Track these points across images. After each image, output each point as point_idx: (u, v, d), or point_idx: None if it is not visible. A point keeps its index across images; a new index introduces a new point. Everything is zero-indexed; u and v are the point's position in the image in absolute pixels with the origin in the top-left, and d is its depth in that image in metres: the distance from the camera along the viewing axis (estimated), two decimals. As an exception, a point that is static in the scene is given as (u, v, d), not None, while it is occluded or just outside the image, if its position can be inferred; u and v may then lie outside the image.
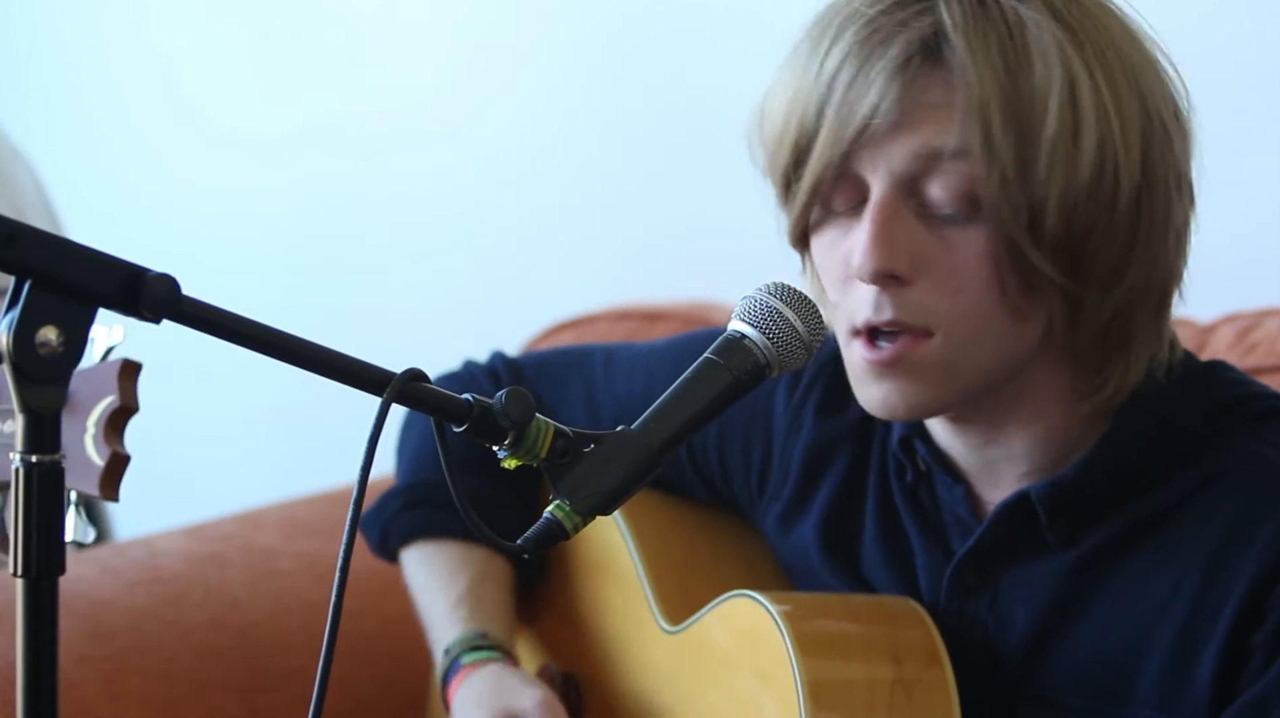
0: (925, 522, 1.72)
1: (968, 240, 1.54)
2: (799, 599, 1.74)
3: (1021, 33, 1.52)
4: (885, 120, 1.53)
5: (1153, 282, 1.58)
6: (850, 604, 1.74)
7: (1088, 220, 1.53)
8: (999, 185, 1.52)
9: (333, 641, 1.29)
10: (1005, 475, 1.66)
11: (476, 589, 1.93)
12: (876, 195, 1.55)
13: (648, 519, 1.90)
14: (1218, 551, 1.58)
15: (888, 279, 1.55)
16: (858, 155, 1.56)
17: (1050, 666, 1.65)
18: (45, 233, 1.20)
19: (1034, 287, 1.55)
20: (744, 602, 1.71)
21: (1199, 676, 1.57)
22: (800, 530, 1.81)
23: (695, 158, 2.93)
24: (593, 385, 1.94)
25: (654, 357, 1.93)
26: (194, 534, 2.39)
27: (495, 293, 3.21)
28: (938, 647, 1.66)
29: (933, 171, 1.54)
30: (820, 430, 1.80)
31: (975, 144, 1.51)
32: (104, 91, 3.63)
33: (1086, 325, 1.57)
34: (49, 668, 1.21)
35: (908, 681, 1.65)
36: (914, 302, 1.55)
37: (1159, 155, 1.56)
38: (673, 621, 1.83)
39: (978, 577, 1.68)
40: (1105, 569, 1.63)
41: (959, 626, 1.68)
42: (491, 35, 3.20)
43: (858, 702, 1.64)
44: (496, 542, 1.39)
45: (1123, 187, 1.53)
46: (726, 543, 1.92)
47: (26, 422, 1.20)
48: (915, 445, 1.71)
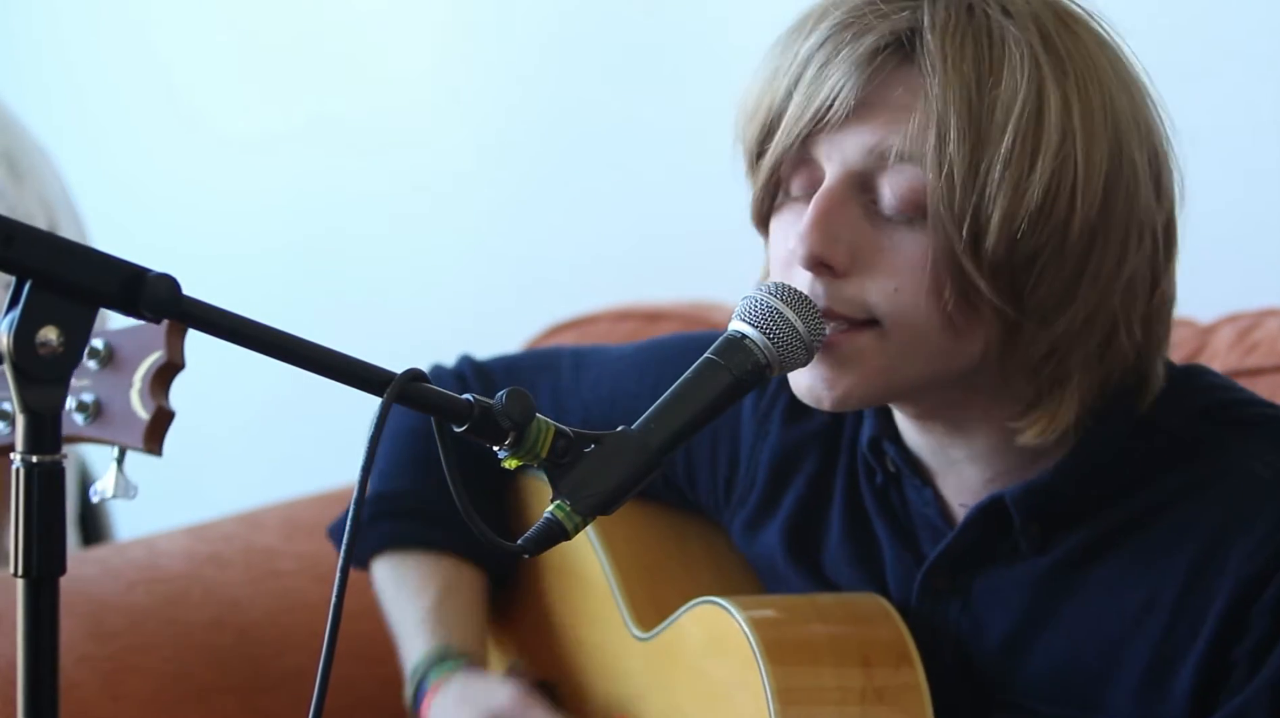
0: (895, 524, 1.71)
1: (910, 244, 1.52)
2: (767, 603, 1.73)
3: (1000, 46, 1.50)
4: (843, 108, 1.52)
5: (1094, 325, 1.54)
6: (819, 606, 1.73)
7: (1033, 247, 1.50)
8: (944, 194, 1.49)
9: (333, 641, 1.29)
10: (970, 479, 1.65)
11: (442, 603, 1.91)
12: (826, 183, 1.54)
13: (617, 526, 1.87)
14: (1199, 562, 1.56)
15: (821, 267, 1.54)
16: (816, 141, 1.55)
17: (1024, 672, 1.64)
18: (45, 233, 1.20)
19: (972, 304, 1.52)
20: (712, 608, 1.70)
21: (1177, 687, 1.56)
22: (765, 535, 1.80)
23: (696, 158, 2.93)
24: (559, 390, 1.92)
25: (622, 362, 1.92)
26: (194, 534, 2.39)
27: (495, 293, 3.21)
28: (908, 645, 1.65)
29: (883, 170, 1.52)
30: (787, 436, 1.79)
31: (927, 149, 1.49)
32: (102, 91, 3.63)
33: (1020, 356, 1.54)
34: (49, 668, 1.21)
35: (879, 682, 1.64)
36: (848, 293, 1.53)
37: (1122, 200, 1.52)
38: (644, 627, 1.82)
39: (949, 581, 1.67)
40: (1078, 576, 1.62)
41: (930, 629, 1.67)
42: (490, 33, 3.20)
43: (828, 707, 1.63)
44: (498, 543, 1.38)
45: (1075, 222, 1.50)
46: (696, 547, 1.91)
47: (27, 422, 1.20)
48: (885, 447, 1.69)
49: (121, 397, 1.51)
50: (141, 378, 1.50)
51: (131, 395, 1.51)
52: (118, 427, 1.52)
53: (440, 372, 2.01)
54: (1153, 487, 1.60)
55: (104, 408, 1.53)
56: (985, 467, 1.64)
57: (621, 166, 3.06)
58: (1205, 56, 2.33)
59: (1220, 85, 2.36)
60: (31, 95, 3.60)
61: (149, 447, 1.51)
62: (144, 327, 1.50)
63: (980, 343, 1.54)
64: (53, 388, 1.20)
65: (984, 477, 1.64)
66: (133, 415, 1.51)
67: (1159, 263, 1.58)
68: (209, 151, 3.48)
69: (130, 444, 1.51)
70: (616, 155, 3.07)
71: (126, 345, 1.53)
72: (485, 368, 2.00)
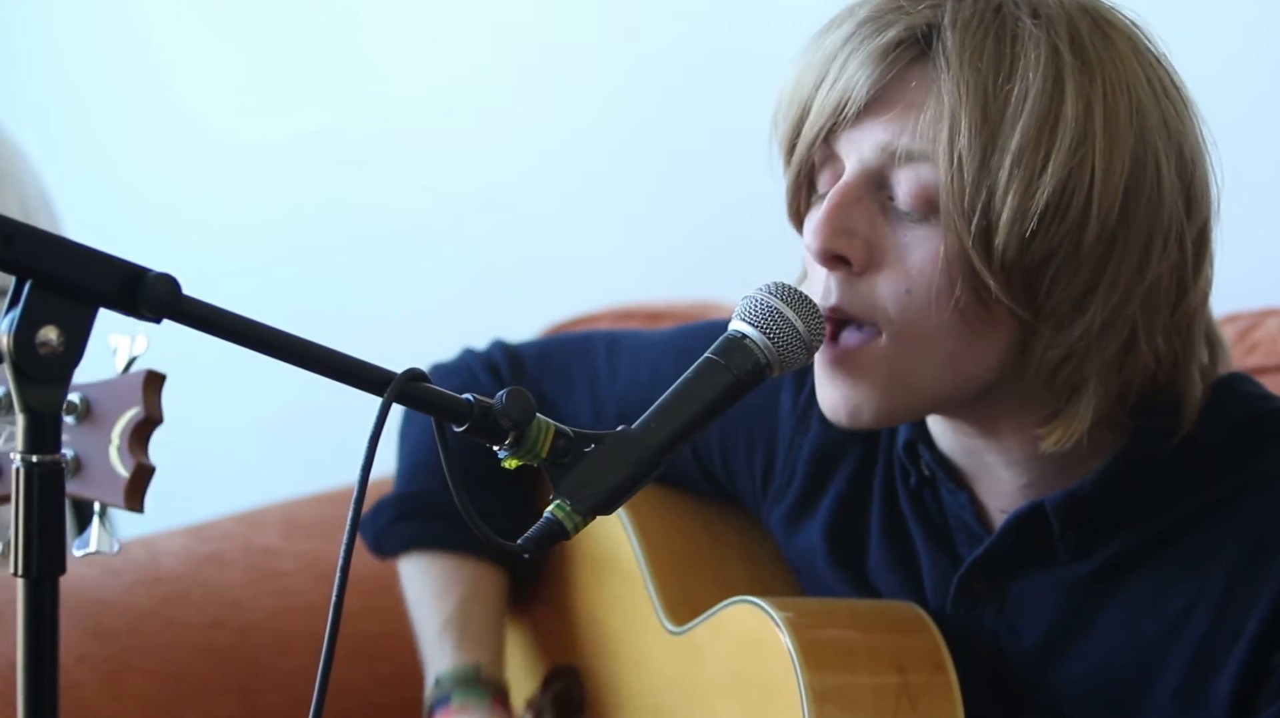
0: (931, 527, 1.71)
1: (923, 242, 1.51)
2: (803, 606, 1.73)
3: (1018, 44, 1.49)
4: (858, 103, 1.51)
5: (1112, 332, 1.52)
6: (854, 610, 1.73)
7: (1046, 248, 1.48)
8: (954, 190, 1.48)
9: (333, 641, 1.29)
10: (1006, 483, 1.65)
11: (465, 610, 1.92)
12: (842, 179, 1.54)
13: (652, 516, 1.89)
14: (1237, 569, 1.55)
15: (835, 261, 1.53)
16: (839, 137, 1.55)
17: (1059, 678, 1.64)
18: (45, 233, 1.20)
19: (985, 306, 1.51)
20: (750, 609, 1.70)
21: (1216, 694, 1.55)
22: (806, 533, 1.80)
23: (696, 158, 2.93)
24: (596, 378, 1.91)
25: (659, 347, 1.90)
26: (194, 534, 2.39)
27: (496, 294, 3.21)
28: (942, 654, 1.65)
29: (898, 168, 1.52)
30: (828, 433, 1.78)
31: (938, 144, 1.49)
32: (100, 102, 3.63)
33: (1036, 362, 1.53)
34: (49, 668, 1.21)
35: (912, 689, 1.64)
36: (862, 292, 1.53)
37: (1144, 208, 1.50)
38: (677, 621, 1.82)
39: (986, 585, 1.67)
40: (1116, 583, 1.61)
41: (965, 633, 1.67)
42: (488, 39, 3.20)
43: (863, 711, 1.63)
44: (498, 543, 1.38)
45: (1091, 225, 1.48)
46: (731, 540, 1.91)
47: (27, 422, 1.20)
48: (919, 450, 1.69)
49: (100, 453, 1.48)
50: (120, 434, 1.48)
51: (110, 452, 1.48)
52: (97, 484, 1.49)
53: (470, 358, 2.01)
54: (1192, 497, 1.59)
55: (83, 465, 1.50)
56: (1021, 472, 1.63)
57: (622, 168, 3.06)
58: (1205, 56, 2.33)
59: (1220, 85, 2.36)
60: (30, 105, 3.61)
61: (130, 504, 1.48)
62: (120, 379, 1.49)
63: (996, 349, 1.53)
64: (53, 388, 1.20)
65: (1019, 482, 1.63)
66: (112, 473, 1.48)
67: (1186, 274, 1.54)
68: (208, 161, 3.48)
69: (111, 502, 1.48)
70: (617, 157, 3.07)
71: (104, 400, 1.50)
72: (517, 353, 1.99)
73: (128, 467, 1.48)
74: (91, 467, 1.50)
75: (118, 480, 1.48)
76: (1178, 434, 1.58)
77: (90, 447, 1.50)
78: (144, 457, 1.48)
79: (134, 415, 1.48)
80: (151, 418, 1.48)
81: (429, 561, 1.95)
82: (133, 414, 1.48)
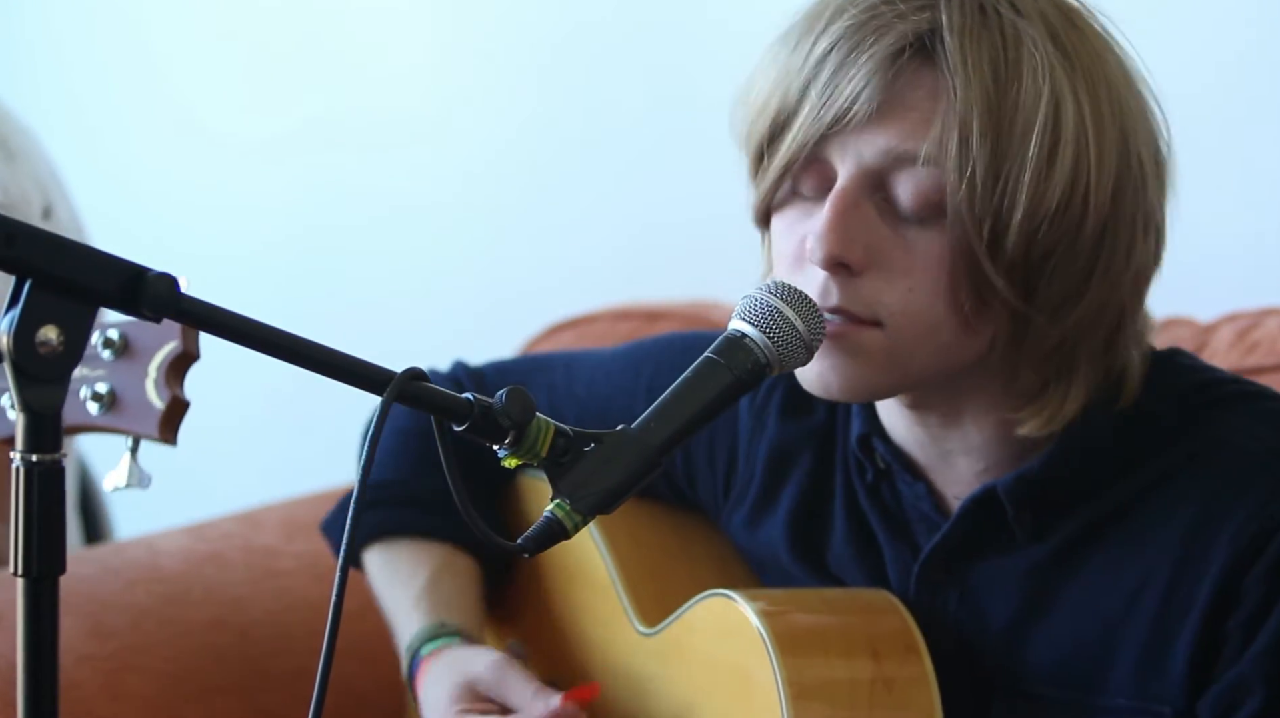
0: (890, 519, 1.72)
1: (926, 243, 1.53)
2: (775, 596, 1.74)
3: (1016, 46, 1.51)
4: (864, 110, 1.52)
5: (1104, 316, 1.57)
6: (826, 598, 1.73)
7: (1049, 244, 1.52)
8: (966, 196, 1.50)
9: (333, 640, 1.29)
10: (963, 470, 1.66)
11: (435, 583, 1.90)
12: (841, 183, 1.55)
13: (620, 523, 1.87)
14: (1189, 537, 1.57)
15: (838, 266, 1.54)
16: (831, 141, 1.55)
17: (1025, 659, 1.65)
18: (46, 232, 1.21)
19: (985, 300, 1.53)
20: (721, 601, 1.71)
21: (1174, 662, 1.58)
22: (767, 530, 1.81)
23: (696, 157, 2.93)
24: (554, 389, 1.93)
25: (615, 361, 1.93)
26: (194, 534, 2.39)
27: (495, 293, 3.21)
28: (915, 638, 1.66)
29: (901, 171, 1.53)
30: (784, 430, 1.79)
31: (950, 152, 1.50)
32: (99, 93, 3.62)
33: (1030, 349, 1.56)
34: (49, 668, 1.21)
35: (888, 674, 1.64)
36: (863, 293, 1.54)
37: (1130, 194, 1.55)
38: (649, 623, 1.82)
39: (946, 573, 1.68)
40: (1075, 561, 1.63)
41: (930, 621, 1.68)
42: (488, 31, 3.20)
43: (839, 699, 1.64)
44: (497, 542, 1.38)
45: (1089, 217, 1.52)
46: (699, 544, 1.91)
47: (27, 421, 1.20)
48: (874, 444, 1.70)
49: (136, 387, 1.52)
50: (157, 368, 1.51)
51: (147, 385, 1.51)
52: (132, 416, 1.52)
53: (433, 376, 2.01)
54: (1142, 470, 1.61)
55: (119, 398, 1.53)
56: (979, 458, 1.65)
57: (622, 166, 3.06)
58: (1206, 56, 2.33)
59: (1221, 85, 2.36)
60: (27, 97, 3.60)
61: (164, 436, 1.51)
62: None
63: (988, 336, 1.56)
64: (53, 387, 1.20)
65: (977, 468, 1.65)
66: (148, 405, 1.51)
67: (1159, 254, 1.60)
68: (207, 152, 3.48)
69: (145, 434, 1.52)
70: (616, 155, 3.07)
71: (141, 336, 1.54)
72: (478, 372, 2.01)
73: (163, 399, 1.51)
74: (126, 400, 1.53)
75: (153, 413, 1.52)
76: (1119, 404, 1.61)
77: (126, 381, 1.53)
78: (180, 390, 1.52)
79: (172, 350, 1.52)
80: (189, 353, 1.52)
81: (396, 546, 1.94)
82: (171, 348, 1.52)
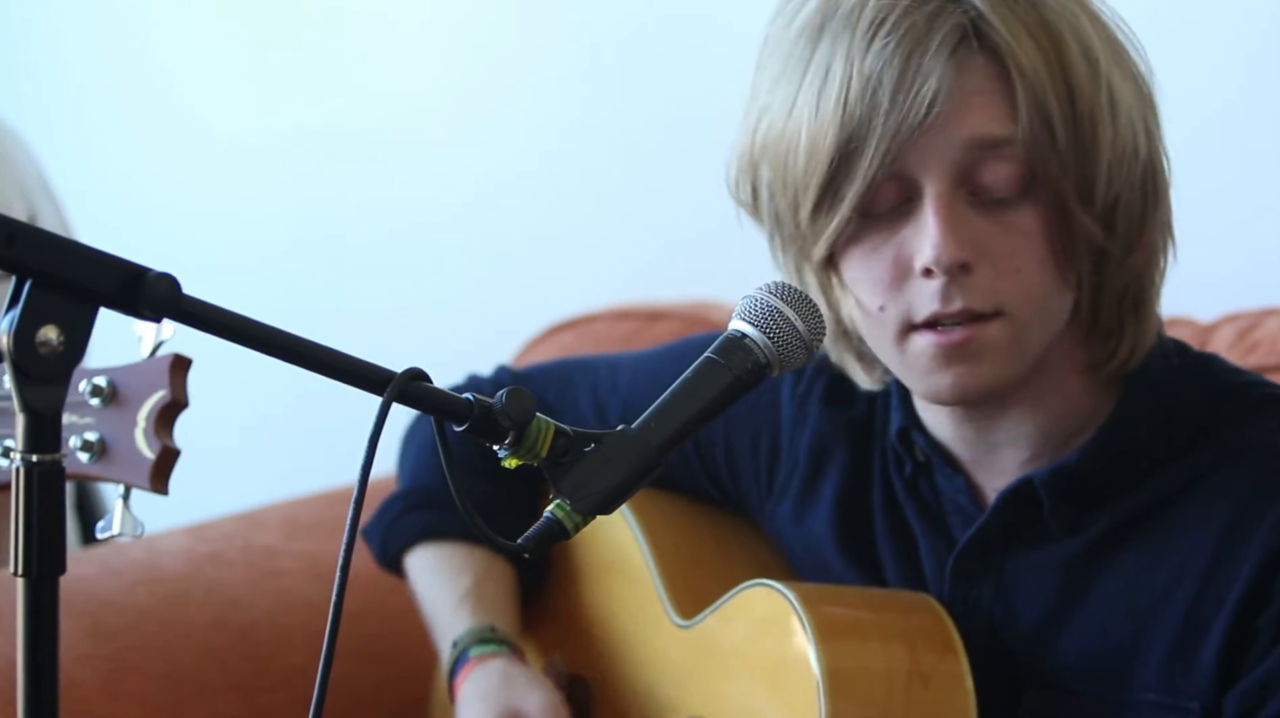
0: (926, 512, 1.74)
1: (1022, 219, 1.57)
2: (816, 589, 1.76)
3: (1043, 12, 1.56)
4: (945, 108, 1.54)
5: (1159, 246, 1.63)
6: (866, 594, 1.75)
7: (1120, 183, 1.57)
8: (1057, 163, 1.55)
9: (333, 641, 1.29)
10: (1007, 462, 1.68)
11: (480, 586, 1.94)
12: (937, 188, 1.57)
13: (658, 517, 1.91)
14: (1222, 536, 1.60)
15: (958, 270, 1.56)
16: (908, 149, 1.56)
17: (1056, 653, 1.66)
18: (46, 232, 1.20)
19: (1074, 254, 1.58)
20: (763, 591, 1.72)
21: (1204, 659, 1.59)
22: (811, 523, 1.82)
23: (696, 157, 2.92)
24: (599, 386, 1.95)
25: (657, 359, 1.95)
26: (195, 534, 2.39)
27: (495, 293, 3.21)
28: (953, 637, 1.68)
29: (985, 159, 1.56)
30: (825, 420, 1.81)
31: (1036, 128, 1.54)
32: (100, 97, 3.62)
33: (1109, 286, 1.61)
34: (49, 668, 1.21)
35: (924, 670, 1.66)
36: (980, 288, 1.57)
37: (1154, 127, 1.61)
38: (685, 616, 1.84)
39: (981, 565, 1.69)
40: (1108, 557, 1.65)
41: (963, 614, 1.69)
42: (490, 37, 3.20)
43: (876, 691, 1.65)
44: (497, 541, 1.38)
45: (1140, 150, 1.58)
46: (734, 542, 1.93)
47: (27, 421, 1.20)
48: (913, 437, 1.72)
49: (126, 435, 1.50)
50: (146, 417, 1.50)
51: (136, 434, 1.50)
52: (123, 466, 1.51)
53: (479, 380, 2.05)
54: (1178, 468, 1.63)
55: (109, 447, 1.51)
56: (1026, 446, 1.67)
57: (622, 166, 3.06)
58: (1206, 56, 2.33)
59: (1221, 85, 2.36)
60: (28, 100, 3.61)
61: (155, 487, 1.50)
62: (147, 363, 1.50)
63: (1074, 291, 1.61)
64: (53, 387, 1.20)
65: (1021, 458, 1.67)
66: (138, 455, 1.50)
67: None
68: (208, 157, 3.48)
69: (136, 484, 1.50)
70: (616, 156, 3.07)
71: (130, 383, 1.52)
72: (521, 372, 2.05)
73: (153, 449, 1.50)
74: (117, 449, 1.51)
75: (143, 463, 1.50)
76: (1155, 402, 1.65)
77: (116, 429, 1.51)
78: (169, 439, 1.50)
79: (160, 398, 1.50)
80: (178, 401, 1.50)
81: (440, 548, 1.98)
82: (159, 397, 1.50)
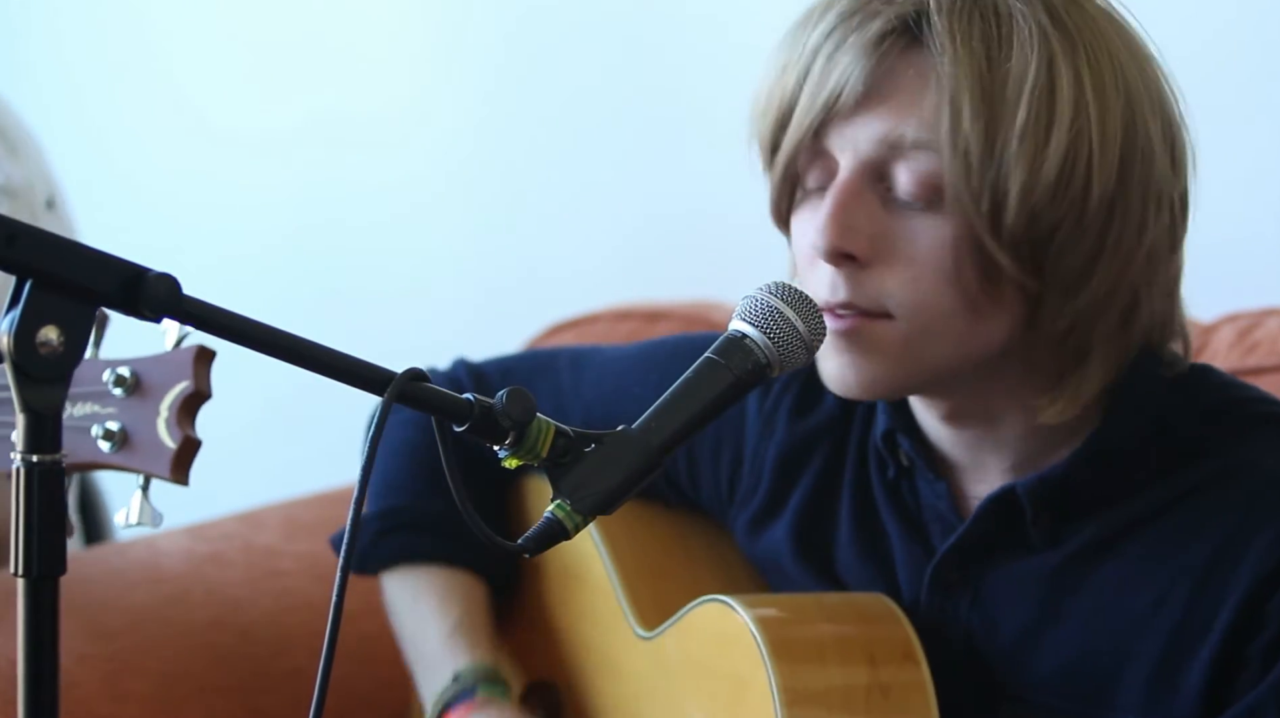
0: (906, 518, 1.71)
1: (929, 229, 1.53)
2: (773, 602, 1.73)
3: (1007, 22, 1.51)
4: (852, 95, 1.52)
5: (1116, 296, 1.55)
6: (824, 604, 1.73)
7: (1053, 219, 1.51)
8: (962, 173, 1.50)
9: (333, 641, 1.29)
10: (991, 468, 1.65)
11: (469, 619, 1.92)
12: (842, 174, 1.55)
13: (620, 526, 1.88)
14: (1211, 558, 1.56)
15: (843, 259, 1.54)
16: (829, 132, 1.56)
17: (1033, 666, 1.64)
18: (46, 232, 1.20)
19: (994, 283, 1.53)
20: (717, 607, 1.70)
21: (1188, 682, 1.56)
22: (771, 534, 1.80)
23: (696, 156, 2.93)
24: (560, 391, 1.93)
25: (623, 361, 1.92)
26: (195, 534, 2.39)
27: (495, 292, 3.21)
28: (913, 644, 1.65)
29: (899, 158, 1.53)
30: (794, 433, 1.79)
31: (941, 130, 1.50)
32: (101, 88, 3.62)
33: (1044, 331, 1.55)
34: (49, 668, 1.21)
35: (884, 681, 1.64)
36: (870, 285, 1.54)
37: (1139, 170, 1.53)
38: (647, 626, 1.82)
39: (959, 574, 1.67)
40: (1090, 571, 1.62)
41: (939, 624, 1.67)
42: (490, 31, 3.20)
43: (834, 705, 1.63)
44: (498, 542, 1.38)
45: (1093, 191, 1.51)
46: (700, 546, 1.91)
47: (27, 421, 1.20)
48: (899, 440, 1.70)
49: (148, 425, 1.50)
50: (168, 407, 1.50)
51: (158, 424, 1.50)
52: (144, 456, 1.51)
53: (434, 375, 2.01)
54: (1165, 483, 1.60)
55: (130, 436, 1.52)
56: (1008, 454, 1.64)
57: (622, 165, 3.06)
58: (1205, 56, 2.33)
59: (1221, 85, 2.36)
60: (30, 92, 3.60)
61: (176, 477, 1.50)
62: (170, 354, 1.51)
63: (1005, 324, 1.55)
64: (53, 387, 1.20)
65: (1004, 465, 1.64)
66: (160, 445, 1.50)
67: (1176, 233, 1.59)
68: (208, 149, 3.48)
69: (157, 474, 1.51)
70: (617, 153, 3.07)
71: (153, 373, 1.52)
72: (480, 370, 2.00)
73: (175, 439, 1.50)
74: (138, 439, 1.52)
75: (165, 453, 1.50)
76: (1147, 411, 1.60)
77: (137, 419, 1.52)
78: (191, 430, 1.50)
79: (183, 389, 1.50)
80: (201, 392, 1.51)
81: (420, 573, 1.95)
82: (182, 388, 1.50)
